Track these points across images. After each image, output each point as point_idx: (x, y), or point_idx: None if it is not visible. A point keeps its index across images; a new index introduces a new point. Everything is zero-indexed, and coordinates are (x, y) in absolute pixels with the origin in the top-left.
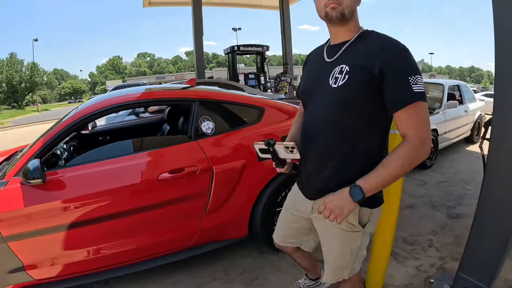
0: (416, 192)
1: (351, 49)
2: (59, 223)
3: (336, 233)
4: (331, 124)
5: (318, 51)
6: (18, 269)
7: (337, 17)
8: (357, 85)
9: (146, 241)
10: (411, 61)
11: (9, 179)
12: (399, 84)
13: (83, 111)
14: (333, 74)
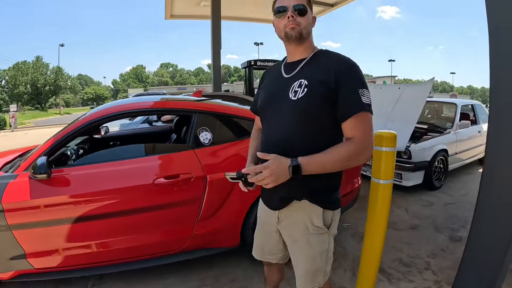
0: (421, 213)
1: (308, 66)
2: (60, 217)
3: (305, 237)
4: (291, 134)
5: (275, 69)
6: (19, 256)
7: (295, 37)
8: (315, 97)
9: (140, 242)
10: (361, 76)
11: (19, 173)
12: (351, 95)
13: (91, 116)
14: (292, 88)
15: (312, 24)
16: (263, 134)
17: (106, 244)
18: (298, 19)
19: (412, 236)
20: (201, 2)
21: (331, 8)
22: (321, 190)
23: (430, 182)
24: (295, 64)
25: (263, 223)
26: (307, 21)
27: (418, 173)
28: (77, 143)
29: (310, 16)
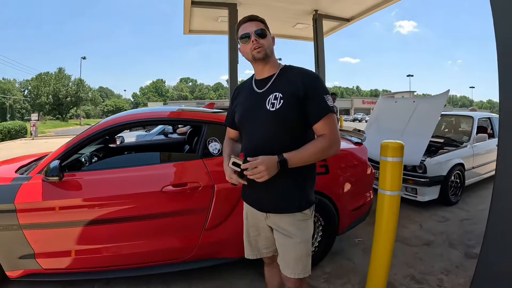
0: (436, 228)
1: (278, 81)
2: (70, 219)
3: (295, 224)
4: (273, 140)
5: (246, 86)
6: (29, 255)
7: (262, 57)
8: (290, 106)
9: (146, 248)
10: (323, 84)
11: (33, 175)
12: (318, 101)
13: (105, 124)
14: (268, 100)
15: (272, 44)
16: (245, 143)
17: (113, 249)
18: (260, 41)
19: (426, 252)
20: (218, 18)
21: (347, 23)
22: (300, 195)
23: (446, 197)
24: (266, 80)
25: (252, 222)
26: (268, 41)
27: (434, 188)
28: (92, 151)
29: (270, 37)
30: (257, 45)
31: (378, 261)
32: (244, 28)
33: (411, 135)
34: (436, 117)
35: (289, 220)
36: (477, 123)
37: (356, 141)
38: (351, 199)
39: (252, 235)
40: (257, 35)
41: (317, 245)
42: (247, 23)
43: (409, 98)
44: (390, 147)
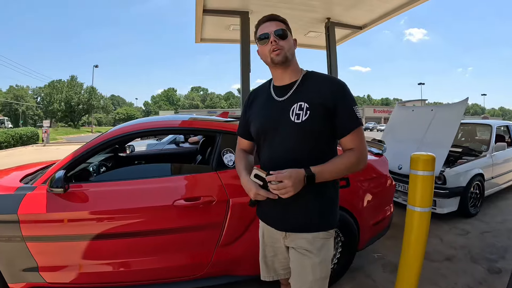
0: (456, 242)
1: (302, 88)
2: (75, 233)
3: (316, 242)
4: (297, 154)
5: (263, 92)
6: (32, 268)
7: (281, 61)
8: (318, 118)
9: (155, 265)
10: (351, 94)
11: (38, 185)
12: (347, 113)
13: (113, 133)
14: (292, 111)
15: (294, 46)
16: (264, 157)
17: (121, 264)
18: (280, 43)
19: (448, 268)
20: (230, 26)
21: (359, 31)
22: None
23: (465, 209)
24: (287, 88)
25: (268, 242)
26: (289, 44)
27: (453, 200)
28: (101, 160)
29: (291, 39)
30: (277, 47)
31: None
32: (263, 28)
33: (430, 145)
34: (456, 126)
35: (310, 239)
36: (495, 131)
37: (376, 152)
38: (372, 213)
39: (269, 255)
40: (277, 36)
41: (336, 261)
42: (266, 23)
43: (426, 106)
44: (422, 160)
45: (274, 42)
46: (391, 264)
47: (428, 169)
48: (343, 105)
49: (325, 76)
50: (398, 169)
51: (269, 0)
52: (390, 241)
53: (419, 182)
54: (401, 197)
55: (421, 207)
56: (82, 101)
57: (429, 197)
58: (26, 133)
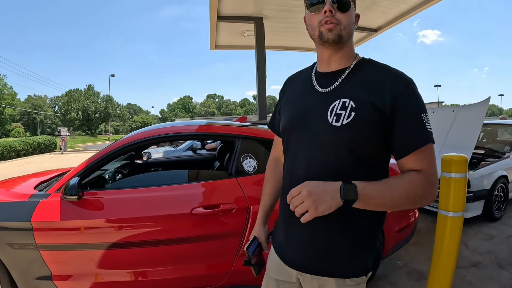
0: (482, 247)
1: (351, 80)
2: (89, 242)
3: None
4: (330, 172)
5: (303, 78)
6: (45, 277)
7: (333, 40)
8: (365, 124)
9: (173, 275)
10: (421, 96)
11: (52, 192)
12: (413, 123)
13: (128, 139)
14: (332, 109)
15: (355, 24)
16: (286, 165)
17: (137, 274)
18: (338, 16)
19: (474, 274)
20: (245, 32)
21: (374, 34)
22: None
23: (490, 213)
24: (333, 76)
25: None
26: (349, 19)
27: (478, 203)
28: (117, 167)
29: (353, 14)
30: (331, 20)
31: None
32: None
33: (452, 147)
34: (478, 127)
35: (333, 285)
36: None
37: None
38: (396, 220)
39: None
40: (336, 3)
41: None
42: None
43: (447, 107)
44: (454, 161)
45: (329, 13)
46: (416, 271)
47: (461, 171)
48: (406, 110)
49: (387, 67)
50: None
51: (284, 5)
52: (414, 248)
53: (452, 185)
54: None
55: (454, 212)
56: (99, 110)
57: (462, 201)
58: (44, 141)
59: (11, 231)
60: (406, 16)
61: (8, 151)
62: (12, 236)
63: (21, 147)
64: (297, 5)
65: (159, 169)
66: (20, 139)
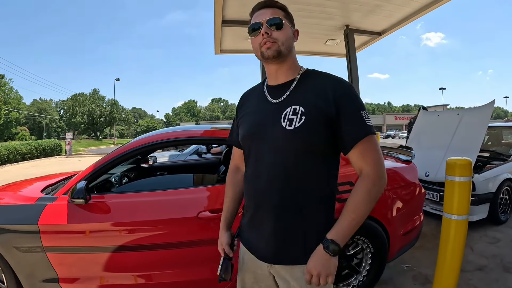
0: (487, 251)
1: (299, 89)
2: (95, 245)
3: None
4: (289, 171)
5: (256, 93)
6: (52, 279)
7: (273, 56)
8: (315, 125)
9: (179, 278)
10: (359, 97)
11: (59, 196)
12: (353, 120)
13: (135, 144)
14: (285, 116)
15: (293, 39)
16: (248, 172)
17: (143, 277)
18: (274, 35)
19: (479, 278)
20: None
21: (378, 37)
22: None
23: (495, 216)
24: (282, 88)
25: (249, 267)
26: (286, 35)
27: (483, 206)
28: (123, 171)
29: (289, 30)
30: (268, 40)
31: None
32: (256, 17)
33: (457, 150)
34: (483, 130)
35: (298, 274)
36: None
37: (405, 159)
38: (401, 223)
39: (248, 282)
40: (270, 26)
41: (366, 274)
42: (261, 10)
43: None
44: (458, 165)
45: (266, 34)
46: (421, 275)
47: (465, 174)
48: (347, 109)
49: (327, 75)
50: (425, 176)
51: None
52: (419, 252)
53: (456, 189)
54: (429, 205)
55: (458, 215)
56: (104, 114)
57: (466, 204)
58: (49, 144)
59: (18, 234)
60: (410, 19)
61: (14, 154)
62: (19, 239)
63: (26, 151)
64: (300, 9)
65: (165, 173)
66: (26, 143)
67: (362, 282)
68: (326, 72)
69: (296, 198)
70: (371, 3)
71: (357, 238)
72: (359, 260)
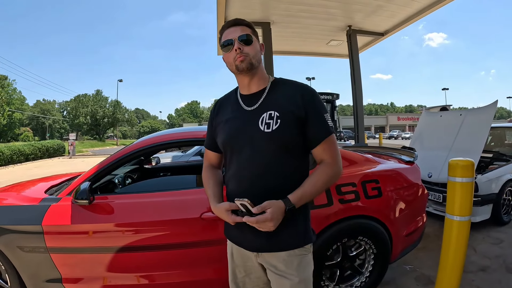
0: (490, 251)
1: (271, 96)
2: (99, 245)
3: (291, 260)
4: (268, 167)
5: (230, 101)
6: (55, 280)
7: (247, 68)
8: (289, 127)
9: (182, 278)
10: (322, 101)
11: (63, 197)
12: (319, 121)
13: (138, 145)
14: (262, 120)
15: (261, 52)
16: (232, 171)
17: (146, 278)
18: (245, 50)
19: (482, 279)
20: None
21: (381, 38)
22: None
23: (498, 217)
24: (255, 96)
25: (239, 262)
26: (255, 49)
27: (486, 207)
28: (126, 172)
29: (257, 44)
30: (241, 55)
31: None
32: (227, 34)
33: (460, 151)
34: (486, 131)
35: (284, 257)
36: None
37: (407, 160)
38: (404, 223)
39: (240, 276)
40: (241, 42)
41: (368, 275)
42: (231, 28)
43: (455, 111)
44: (460, 166)
45: (239, 50)
46: (424, 276)
47: (468, 176)
48: (314, 112)
49: (294, 82)
50: (428, 177)
51: (290, 10)
52: (422, 253)
53: (457, 190)
54: (432, 206)
55: (460, 216)
56: (107, 115)
57: (468, 205)
58: (52, 145)
59: (21, 234)
60: (413, 20)
61: (17, 155)
62: (22, 239)
63: (30, 151)
64: (303, 10)
65: (168, 174)
66: (29, 143)
67: (364, 283)
68: (292, 80)
69: (276, 191)
70: (373, 3)
71: (359, 239)
72: (362, 261)
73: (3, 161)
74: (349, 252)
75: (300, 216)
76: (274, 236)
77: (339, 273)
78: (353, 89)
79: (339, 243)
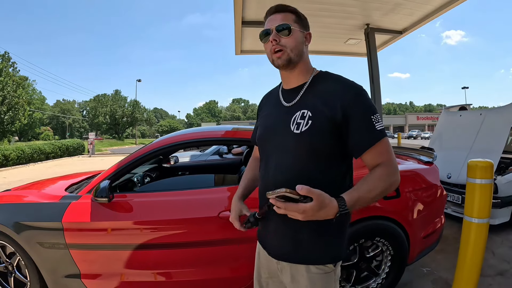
0: (509, 255)
1: (309, 93)
2: (118, 242)
3: (310, 278)
4: (297, 173)
5: (273, 96)
6: (74, 275)
7: (283, 65)
8: (321, 129)
9: (199, 276)
10: (369, 101)
11: (83, 194)
12: (364, 126)
13: (157, 144)
14: (294, 119)
15: (305, 43)
16: (261, 172)
17: (163, 275)
18: (283, 41)
19: (500, 283)
20: None
21: (399, 36)
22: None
23: None
24: (295, 91)
25: (264, 263)
26: (295, 41)
27: (506, 210)
28: (145, 171)
29: (300, 35)
30: (277, 47)
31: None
32: (267, 22)
33: (480, 152)
34: (506, 131)
35: (303, 272)
36: None
37: (426, 161)
38: (422, 225)
39: (264, 276)
40: (279, 32)
41: (385, 276)
42: (272, 15)
43: (475, 110)
44: (479, 167)
45: (275, 41)
46: (441, 279)
47: (487, 177)
48: (356, 116)
49: (338, 78)
50: (447, 178)
51: (309, 9)
52: (440, 255)
53: (476, 191)
54: (451, 207)
55: (479, 218)
56: (126, 114)
57: (487, 207)
58: (72, 144)
59: (42, 231)
60: (431, 17)
61: (38, 154)
62: (42, 236)
63: (50, 150)
64: (322, 9)
65: (186, 173)
66: (50, 142)
67: (381, 284)
68: (337, 75)
69: None
70: (391, 1)
71: (377, 240)
72: (379, 263)
73: (24, 159)
74: (366, 253)
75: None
76: (295, 247)
77: (355, 274)
78: (371, 88)
79: (356, 244)
